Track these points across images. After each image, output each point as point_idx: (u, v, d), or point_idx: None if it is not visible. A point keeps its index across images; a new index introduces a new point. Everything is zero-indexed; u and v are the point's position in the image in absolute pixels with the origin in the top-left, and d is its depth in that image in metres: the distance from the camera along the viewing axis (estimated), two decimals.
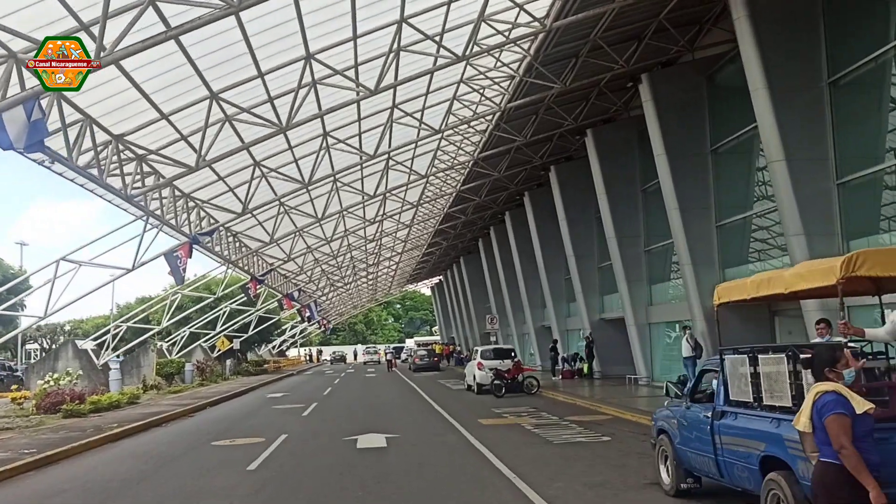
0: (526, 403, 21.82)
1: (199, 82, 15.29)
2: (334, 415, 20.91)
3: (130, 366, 39.84)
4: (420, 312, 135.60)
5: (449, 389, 30.09)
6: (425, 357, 49.36)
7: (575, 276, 32.56)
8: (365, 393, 30.08)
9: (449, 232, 47.73)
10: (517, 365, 25.40)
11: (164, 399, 28.72)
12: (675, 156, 22.24)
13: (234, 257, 28.19)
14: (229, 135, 17.66)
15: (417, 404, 23.42)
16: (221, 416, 22.05)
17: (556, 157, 32.89)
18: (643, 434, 14.06)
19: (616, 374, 30.38)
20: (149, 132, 16.44)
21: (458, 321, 72.05)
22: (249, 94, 16.96)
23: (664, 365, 26.12)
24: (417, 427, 17.08)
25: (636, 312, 26.86)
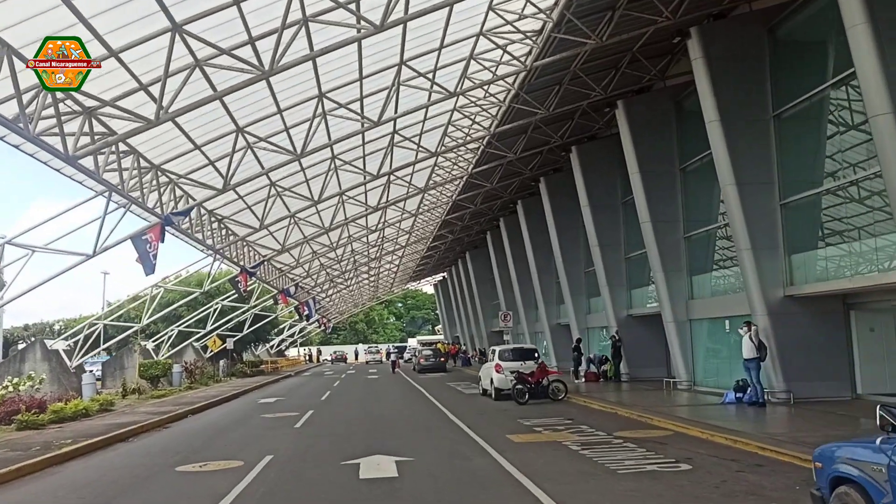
0: (557, 413, 18.51)
1: None
2: (332, 427, 17.59)
3: (113, 368, 36.73)
4: (422, 311, 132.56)
5: (461, 394, 26.76)
6: (431, 357, 45.95)
7: (599, 268, 29.24)
8: (367, 398, 26.73)
9: (455, 223, 44.40)
10: (542, 367, 22.06)
11: (143, 405, 25.44)
12: (730, 123, 18.94)
13: (220, 245, 24.77)
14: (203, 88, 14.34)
15: (429, 413, 20.09)
16: (200, 428, 18.75)
17: (577, 137, 29.61)
18: (731, 459, 10.83)
19: (645, 376, 27.17)
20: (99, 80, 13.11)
21: (463, 319, 68.82)
22: None
23: (708, 367, 22.83)
24: (434, 446, 13.76)
25: (675, 307, 23.57)
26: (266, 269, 35.03)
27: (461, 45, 19.08)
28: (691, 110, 23.79)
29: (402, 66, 18.27)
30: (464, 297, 65.38)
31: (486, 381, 24.20)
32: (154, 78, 13.00)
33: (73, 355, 27.78)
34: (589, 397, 21.67)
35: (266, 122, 18.16)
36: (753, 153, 18.69)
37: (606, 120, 28.52)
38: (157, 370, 33.56)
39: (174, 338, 42.04)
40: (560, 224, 33.96)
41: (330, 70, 17.40)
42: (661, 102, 24.57)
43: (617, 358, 27.90)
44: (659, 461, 11.07)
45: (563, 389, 22.02)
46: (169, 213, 17.84)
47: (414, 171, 28.58)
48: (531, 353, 23.64)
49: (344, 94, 18.54)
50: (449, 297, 78.32)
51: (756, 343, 17.32)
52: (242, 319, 45.54)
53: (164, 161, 17.53)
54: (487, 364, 24.71)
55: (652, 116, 24.49)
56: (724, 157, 18.68)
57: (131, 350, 34.85)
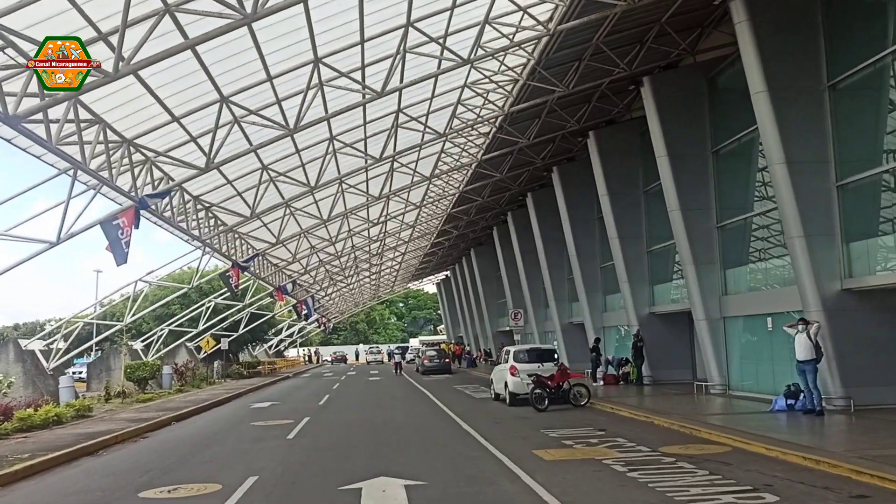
0: (584, 422, 16.33)
1: None
2: (329, 439, 15.42)
3: (99, 369, 34.60)
4: (423, 311, 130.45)
5: (470, 398, 24.57)
6: (435, 358, 43.52)
7: (619, 263, 27.06)
8: (368, 402, 24.53)
9: (461, 218, 42.23)
10: (563, 370, 19.87)
11: (125, 411, 23.32)
12: (779, 95, 16.73)
13: (207, 236, 22.55)
14: None
15: (438, 422, 17.91)
16: (181, 439, 16.58)
17: (595, 121, 27.52)
18: (823, 487, 8.73)
19: (669, 379, 25.04)
20: None
21: (467, 319, 66.56)
22: None
23: (746, 369, 20.64)
24: (449, 464, 11.58)
25: (707, 304, 21.39)
26: (261, 265, 32.85)
27: (476, 6, 17.36)
28: (726, 87, 21.73)
29: (410, 27, 16.58)
30: (468, 295, 63.16)
31: (500, 385, 22.03)
32: (113, 27, 10.79)
33: (51, 356, 25.55)
34: (615, 403, 19.49)
35: (254, 93, 16.05)
36: (806, 128, 16.55)
37: (627, 102, 27.15)
38: (144, 372, 31.40)
39: (165, 338, 39.88)
40: (574, 216, 31.84)
41: (327, 29, 15.68)
42: (692, 79, 22.47)
43: (639, 359, 25.73)
44: (733, 489, 8.89)
45: (587, 394, 19.86)
46: (144, 195, 15.63)
47: (419, 158, 26.80)
48: (550, 354, 21.45)
49: (343, 61, 16.68)
50: (452, 296, 76.10)
51: (814, 342, 15.09)
52: (238, 319, 43.39)
53: (138, 135, 15.31)
54: (500, 366, 22.52)
55: (681, 95, 22.38)
56: (773, 132, 16.49)
57: (117, 351, 32.63)
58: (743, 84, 18.83)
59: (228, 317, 41.17)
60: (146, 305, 44.92)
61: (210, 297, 37.60)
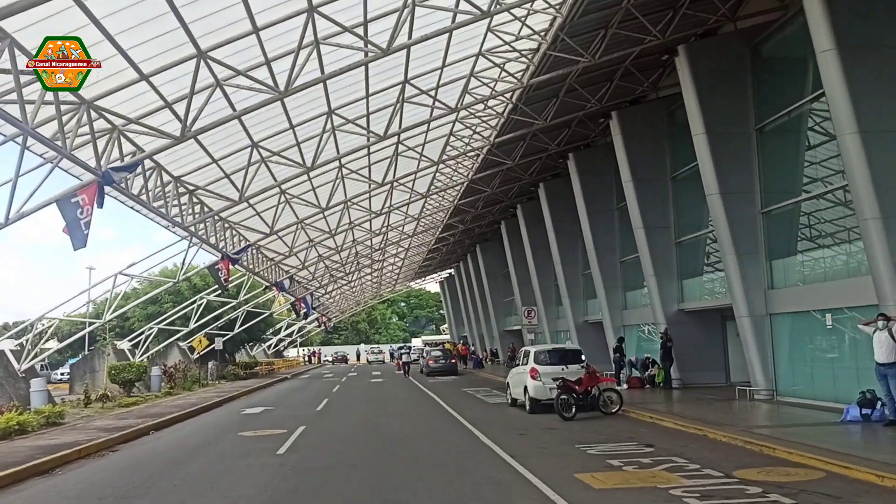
0: (624, 435, 13.97)
1: None
2: (326, 455, 13.05)
3: (82, 371, 32.29)
4: (425, 310, 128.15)
5: (484, 404, 22.18)
6: (441, 358, 40.95)
7: (645, 255, 24.66)
8: (371, 408, 22.12)
9: (468, 210, 39.81)
10: (592, 374, 17.47)
11: (101, 418, 20.95)
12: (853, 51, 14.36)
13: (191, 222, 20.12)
14: None
15: (452, 433, 15.51)
16: (154, 454, 14.23)
17: (618, 101, 25.16)
18: None
19: (700, 382, 22.76)
20: None
21: (472, 318, 64.08)
22: None
23: (799, 373, 18.25)
24: (473, 493, 9.20)
25: (750, 299, 18.97)
26: (255, 259, 30.43)
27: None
28: (772, 56, 19.58)
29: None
30: (473, 293, 60.69)
31: (518, 389, 19.65)
32: None
33: (23, 357, 23.18)
34: (651, 410, 17.11)
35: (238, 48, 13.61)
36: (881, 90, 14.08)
37: (654, 80, 25.46)
38: (130, 373, 28.98)
39: (156, 337, 37.50)
40: (592, 206, 29.47)
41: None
42: (733, 48, 20.32)
43: (667, 360, 23.34)
44: None
45: (618, 401, 17.50)
46: (108, 167, 13.24)
47: (427, 140, 25.34)
48: (576, 355, 19.03)
49: (342, 13, 14.74)
50: (456, 295, 73.69)
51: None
52: (234, 317, 40.98)
53: (99, 96, 12.88)
54: (518, 368, 20.11)
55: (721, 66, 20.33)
56: (844, 96, 14.05)
57: (100, 351, 30.28)
58: (793, 52, 16.70)
59: (222, 315, 38.71)
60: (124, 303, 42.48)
61: (202, 294, 35.14)
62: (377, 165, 24.71)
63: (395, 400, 24.83)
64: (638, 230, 24.73)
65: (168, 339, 37.92)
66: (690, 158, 22.97)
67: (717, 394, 20.67)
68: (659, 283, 24.31)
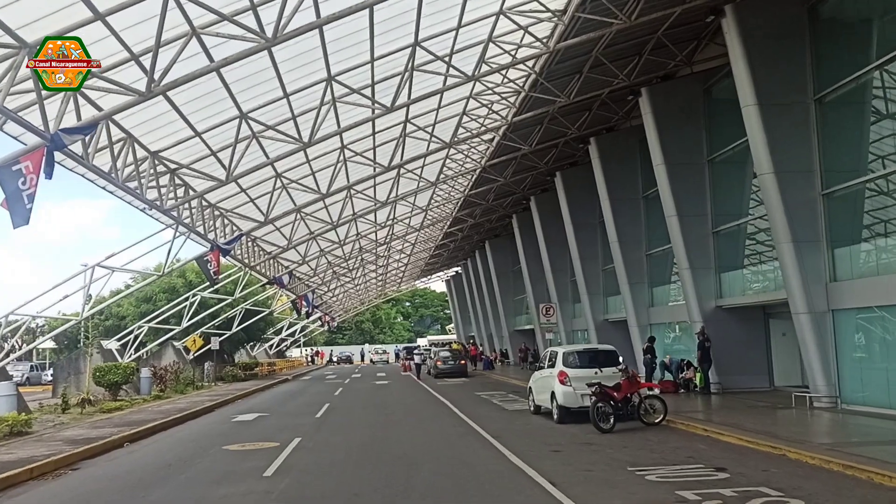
0: (681, 453, 11.59)
1: None
2: (322, 479, 10.71)
3: (67, 372, 30.00)
4: (430, 310, 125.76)
5: (503, 411, 19.77)
6: (449, 359, 38.49)
7: (678, 246, 22.27)
8: (377, 416, 19.68)
9: (478, 203, 37.39)
10: (632, 378, 15.04)
11: (77, 425, 18.73)
12: None
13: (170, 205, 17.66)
14: None
15: (474, 448, 13.11)
16: (120, 475, 11.93)
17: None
18: None
19: (741, 386, 20.46)
20: None
21: (480, 317, 61.63)
22: None
23: (869, 378, 15.81)
24: None
25: (809, 293, 16.54)
26: (251, 252, 28.04)
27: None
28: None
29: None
30: (481, 292, 58.24)
31: (543, 395, 17.23)
32: None
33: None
34: (703, 421, 14.71)
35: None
36: None
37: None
38: (116, 375, 26.64)
39: (148, 336, 35.13)
40: (615, 194, 27.06)
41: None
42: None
43: (705, 362, 20.93)
44: None
45: (662, 409, 15.12)
46: (59, 130, 10.88)
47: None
48: (611, 356, 16.58)
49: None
50: (463, 294, 71.24)
51: None
52: (232, 316, 38.59)
53: None
54: (543, 372, 17.66)
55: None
56: None
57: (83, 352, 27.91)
58: None
59: (219, 314, 36.31)
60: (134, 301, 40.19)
61: (195, 290, 32.78)
62: (382, 148, 22.96)
63: (404, 406, 22.42)
64: (671, 218, 22.33)
65: (159, 339, 35.52)
66: (732, 138, 20.70)
67: (765, 399, 18.32)
68: (694, 277, 21.87)
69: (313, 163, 21.47)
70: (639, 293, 26.86)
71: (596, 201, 29.98)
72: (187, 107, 14.90)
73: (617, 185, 27.18)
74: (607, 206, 27.25)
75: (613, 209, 27.10)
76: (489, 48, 18.05)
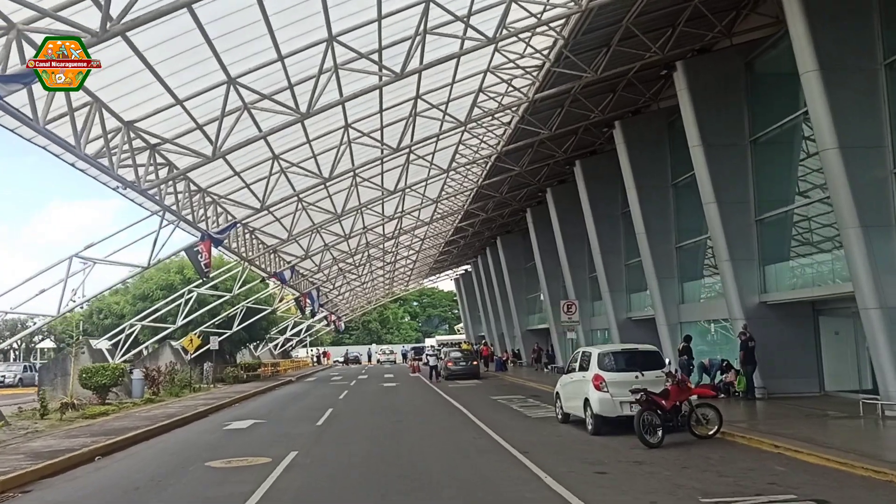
0: (756, 476, 9.54)
1: None
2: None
3: (53, 374, 28.11)
4: (438, 310, 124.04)
5: (525, 419, 17.63)
6: (461, 360, 36.28)
7: (717, 235, 20.14)
8: (386, 425, 17.50)
9: (491, 195, 35.33)
10: (681, 383, 12.85)
11: (49, 435, 16.91)
12: None
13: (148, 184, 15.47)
14: None
15: (504, 472, 10.93)
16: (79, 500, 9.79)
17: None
18: None
19: (787, 391, 18.43)
20: None
21: (490, 317, 59.57)
22: None
23: None
24: None
25: (881, 287, 14.39)
26: (249, 244, 25.95)
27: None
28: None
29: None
30: (492, 290, 55.94)
31: (574, 403, 15.06)
32: None
33: None
34: (768, 434, 12.53)
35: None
36: None
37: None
38: (104, 377, 24.62)
39: (143, 335, 33.15)
40: (643, 181, 24.83)
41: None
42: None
43: (749, 364, 18.71)
44: None
45: (717, 420, 12.94)
46: None
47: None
48: (652, 358, 14.41)
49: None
50: (473, 292, 68.96)
51: None
52: (233, 314, 36.59)
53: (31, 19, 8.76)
54: (573, 376, 15.44)
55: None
56: None
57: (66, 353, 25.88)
58: None
59: (218, 311, 34.30)
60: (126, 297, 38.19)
61: (191, 286, 30.75)
62: (390, 129, 21.43)
63: (415, 412, 20.26)
64: (709, 205, 20.16)
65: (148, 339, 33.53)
66: (778, 116, 18.59)
67: (818, 406, 16.26)
68: (735, 270, 19.66)
69: (314, 144, 19.56)
70: (668, 288, 24.67)
71: (617, 192, 27.92)
72: (164, 67, 12.78)
73: (644, 172, 24.99)
74: (634, 195, 25.10)
75: (640, 198, 24.92)
76: (512, 9, 15.98)
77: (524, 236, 45.74)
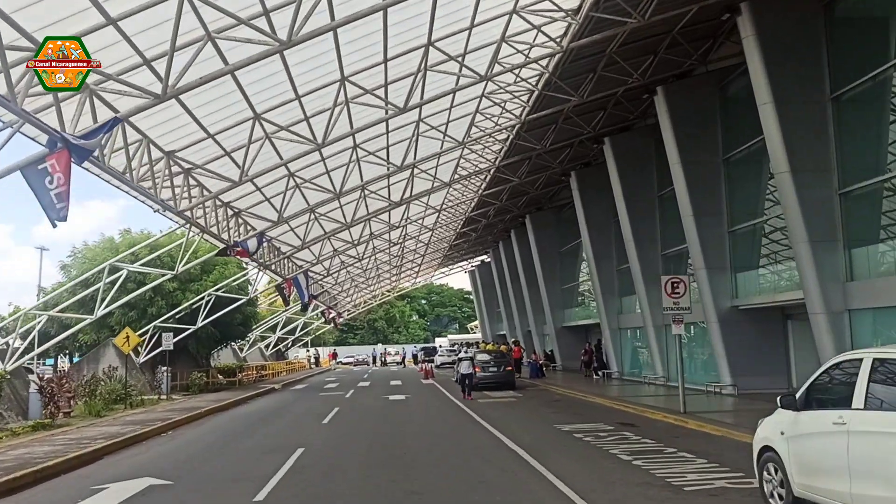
0: None
1: None
2: None
3: None
4: (448, 309, 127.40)
5: (681, 494, 9.83)
6: (491, 365, 32.31)
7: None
8: (391, 489, 10.92)
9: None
10: None
11: None
12: None
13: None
14: None
15: None
16: None
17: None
18: None
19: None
20: None
21: (514, 313, 57.69)
22: None
23: None
24: None
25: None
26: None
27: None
28: None
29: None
30: (517, 281, 54.08)
31: (828, 478, 7.58)
32: None
33: None
34: None
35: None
36: None
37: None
38: None
39: (86, 334, 31.14)
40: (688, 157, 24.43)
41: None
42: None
43: None
44: None
45: None
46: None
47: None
48: None
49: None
50: (492, 285, 67.41)
51: None
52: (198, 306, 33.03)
53: None
54: (816, 417, 7.97)
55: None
56: None
57: None
58: None
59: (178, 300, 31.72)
60: None
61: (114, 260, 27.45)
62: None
63: (442, 462, 13.40)
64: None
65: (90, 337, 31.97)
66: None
67: None
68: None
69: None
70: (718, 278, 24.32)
71: None
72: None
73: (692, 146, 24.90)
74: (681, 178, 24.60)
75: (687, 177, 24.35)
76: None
77: (557, 213, 44.40)
